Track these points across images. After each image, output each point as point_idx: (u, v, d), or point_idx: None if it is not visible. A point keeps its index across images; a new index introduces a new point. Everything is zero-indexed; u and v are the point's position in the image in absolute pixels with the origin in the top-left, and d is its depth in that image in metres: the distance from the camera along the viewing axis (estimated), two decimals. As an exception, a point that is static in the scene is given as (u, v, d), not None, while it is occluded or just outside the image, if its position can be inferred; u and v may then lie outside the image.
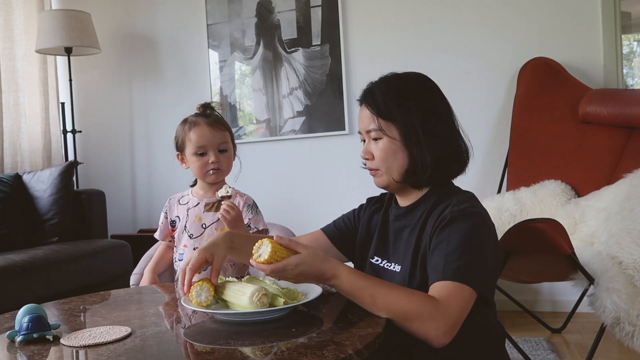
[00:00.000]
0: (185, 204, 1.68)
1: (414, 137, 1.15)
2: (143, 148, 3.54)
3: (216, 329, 1.04)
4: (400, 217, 1.23)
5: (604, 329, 1.81)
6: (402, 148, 1.17)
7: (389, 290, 1.04)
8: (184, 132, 1.62)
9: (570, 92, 2.64)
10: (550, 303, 2.84)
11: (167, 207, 1.72)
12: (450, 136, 1.21)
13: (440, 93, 1.22)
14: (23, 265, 2.30)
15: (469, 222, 1.08)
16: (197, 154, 1.60)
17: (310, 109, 3.16)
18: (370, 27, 3.08)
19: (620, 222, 1.99)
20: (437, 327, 0.98)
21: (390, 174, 1.19)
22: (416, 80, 1.22)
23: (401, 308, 1.01)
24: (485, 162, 2.92)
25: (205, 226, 1.62)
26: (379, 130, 1.18)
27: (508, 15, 2.87)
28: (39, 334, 1.01)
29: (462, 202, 1.12)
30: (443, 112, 1.21)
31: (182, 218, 1.66)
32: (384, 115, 1.17)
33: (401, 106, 1.17)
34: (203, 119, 1.62)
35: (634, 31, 4.36)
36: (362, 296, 1.04)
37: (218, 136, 1.60)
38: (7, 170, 3.13)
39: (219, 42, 3.32)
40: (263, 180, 3.24)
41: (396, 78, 1.22)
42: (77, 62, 3.53)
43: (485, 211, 1.14)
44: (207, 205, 1.65)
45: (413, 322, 1.00)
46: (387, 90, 1.19)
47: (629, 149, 2.43)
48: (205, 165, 1.60)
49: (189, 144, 1.60)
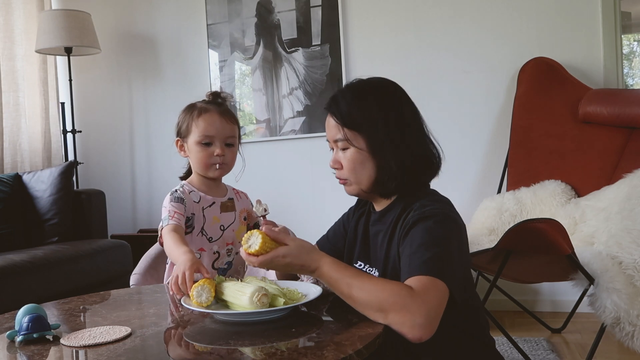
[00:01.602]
0: (197, 202, 1.50)
1: (379, 147, 1.14)
2: (143, 148, 3.54)
3: (216, 329, 1.04)
4: (376, 222, 1.24)
5: (604, 329, 1.81)
6: (369, 158, 1.16)
7: (365, 280, 1.03)
8: (191, 117, 1.48)
9: (570, 92, 2.64)
10: (550, 303, 2.84)
11: (183, 197, 1.47)
12: (417, 142, 1.18)
13: (406, 98, 1.20)
14: (23, 265, 2.30)
15: (430, 221, 1.07)
16: (202, 144, 1.46)
17: (310, 109, 3.16)
18: (370, 27, 3.08)
19: (620, 222, 1.99)
20: (413, 318, 0.95)
21: (359, 184, 1.19)
22: (380, 86, 1.21)
23: (375, 297, 1.00)
24: (485, 162, 2.92)
25: (223, 228, 1.51)
26: (345, 141, 1.17)
27: (508, 15, 2.87)
28: (39, 334, 1.01)
29: (425, 205, 1.11)
30: (409, 118, 1.18)
31: (197, 218, 1.49)
32: (348, 125, 1.16)
33: (365, 115, 1.15)
34: (214, 107, 1.49)
35: (634, 31, 4.36)
36: (340, 286, 1.04)
37: (228, 128, 1.48)
38: (7, 170, 3.13)
39: (219, 42, 3.32)
40: (263, 180, 3.24)
41: (360, 85, 1.21)
42: (77, 62, 3.53)
43: (453, 213, 1.13)
44: (223, 205, 1.53)
45: (388, 313, 0.97)
46: (351, 99, 1.18)
47: (629, 149, 2.43)
48: (210, 156, 1.47)
49: (195, 130, 1.46)
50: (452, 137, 2.89)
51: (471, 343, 1.14)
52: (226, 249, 1.52)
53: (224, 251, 1.52)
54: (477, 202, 2.71)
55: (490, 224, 2.53)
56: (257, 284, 1.09)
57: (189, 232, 1.48)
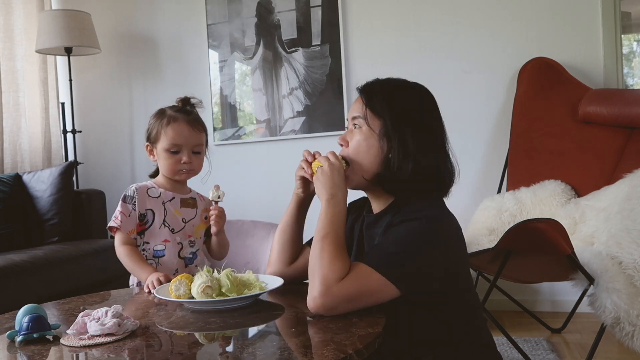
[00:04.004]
0: (157, 197, 1.57)
1: (391, 135, 1.15)
2: (143, 148, 3.51)
3: (216, 328, 1.04)
4: (371, 225, 1.24)
5: (604, 329, 1.81)
6: (376, 144, 1.16)
7: (334, 244, 1.09)
8: (160, 125, 1.55)
9: (570, 92, 2.64)
10: (550, 303, 2.84)
11: (134, 197, 1.55)
12: (439, 152, 1.19)
13: (438, 112, 1.22)
14: (23, 265, 2.30)
15: (409, 224, 1.08)
16: (170, 151, 1.53)
17: (310, 109, 3.16)
18: (370, 27, 3.08)
19: (620, 222, 1.99)
20: (319, 289, 1.02)
21: (360, 169, 1.19)
22: (417, 90, 1.23)
23: (320, 259, 1.06)
24: (485, 162, 2.92)
25: (185, 221, 1.58)
26: (362, 119, 1.18)
27: (508, 15, 2.87)
28: (39, 334, 1.01)
29: (416, 210, 1.11)
30: (436, 129, 1.20)
31: (157, 212, 1.55)
32: (373, 108, 1.18)
33: (390, 103, 1.17)
34: (183, 116, 1.55)
35: (634, 31, 4.36)
36: (325, 225, 1.12)
37: (195, 137, 1.55)
38: (7, 170, 3.13)
39: (219, 42, 3.32)
40: (263, 180, 3.24)
41: (400, 82, 1.23)
42: (77, 62, 3.53)
43: (443, 216, 1.12)
44: (183, 201, 1.60)
45: (313, 274, 1.06)
46: (387, 89, 1.20)
47: (629, 149, 2.43)
48: (177, 164, 1.54)
49: (164, 138, 1.53)
50: (452, 138, 2.84)
51: (471, 343, 1.14)
52: (188, 240, 1.58)
53: (186, 242, 1.58)
54: (477, 202, 2.71)
55: (490, 224, 2.53)
56: (208, 276, 1.18)
57: (148, 228, 1.54)
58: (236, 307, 1.16)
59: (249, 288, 1.19)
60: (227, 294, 1.15)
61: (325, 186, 1.16)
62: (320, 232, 1.12)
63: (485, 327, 1.19)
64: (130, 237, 1.53)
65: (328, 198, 1.15)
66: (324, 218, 1.14)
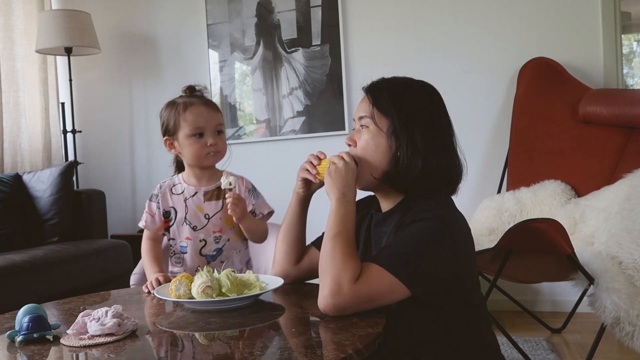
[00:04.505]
0: (180, 194, 1.55)
1: (400, 133, 1.14)
2: (143, 148, 3.54)
3: (216, 328, 1.04)
4: (379, 224, 1.23)
5: (604, 329, 1.81)
6: (384, 143, 1.16)
7: (345, 244, 1.08)
8: (176, 113, 1.50)
9: (570, 92, 2.64)
10: (550, 303, 2.84)
11: (158, 195, 1.55)
12: (448, 150, 1.18)
13: (445, 109, 1.21)
14: (23, 265, 2.30)
15: (419, 224, 1.07)
16: (194, 136, 1.48)
17: (310, 109, 3.16)
18: (371, 27, 3.08)
19: (620, 222, 1.99)
20: (331, 288, 1.02)
21: (370, 168, 1.18)
22: (424, 88, 1.22)
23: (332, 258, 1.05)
24: (485, 162, 2.92)
25: (208, 217, 1.53)
26: (370, 118, 1.18)
27: (508, 15, 2.87)
28: (39, 334, 1.01)
29: (426, 210, 1.10)
30: (444, 127, 1.19)
31: (179, 209, 1.54)
32: (379, 107, 1.17)
33: (396, 103, 1.16)
34: (197, 99, 1.52)
35: (634, 31, 4.36)
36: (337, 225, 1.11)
37: (215, 117, 1.51)
38: (7, 170, 3.13)
39: (219, 42, 3.32)
40: (263, 180, 3.23)
41: (406, 80, 1.23)
42: (77, 62, 3.53)
43: (452, 215, 1.12)
44: (207, 193, 1.55)
45: (325, 273, 1.05)
46: (393, 88, 1.20)
47: (629, 149, 2.43)
48: (204, 147, 1.49)
49: (185, 125, 1.48)
50: (452, 137, 2.88)
51: (472, 343, 1.14)
52: (213, 236, 1.54)
53: (211, 239, 1.54)
54: (477, 202, 2.71)
55: (490, 224, 2.53)
56: (209, 276, 1.18)
57: (171, 225, 1.55)
58: (236, 307, 1.16)
59: (249, 288, 1.19)
60: (227, 294, 1.15)
61: (337, 185, 1.15)
62: (332, 231, 1.10)
63: (488, 327, 1.19)
64: (157, 233, 1.56)
65: (339, 197, 1.14)
66: (334, 217, 1.13)
